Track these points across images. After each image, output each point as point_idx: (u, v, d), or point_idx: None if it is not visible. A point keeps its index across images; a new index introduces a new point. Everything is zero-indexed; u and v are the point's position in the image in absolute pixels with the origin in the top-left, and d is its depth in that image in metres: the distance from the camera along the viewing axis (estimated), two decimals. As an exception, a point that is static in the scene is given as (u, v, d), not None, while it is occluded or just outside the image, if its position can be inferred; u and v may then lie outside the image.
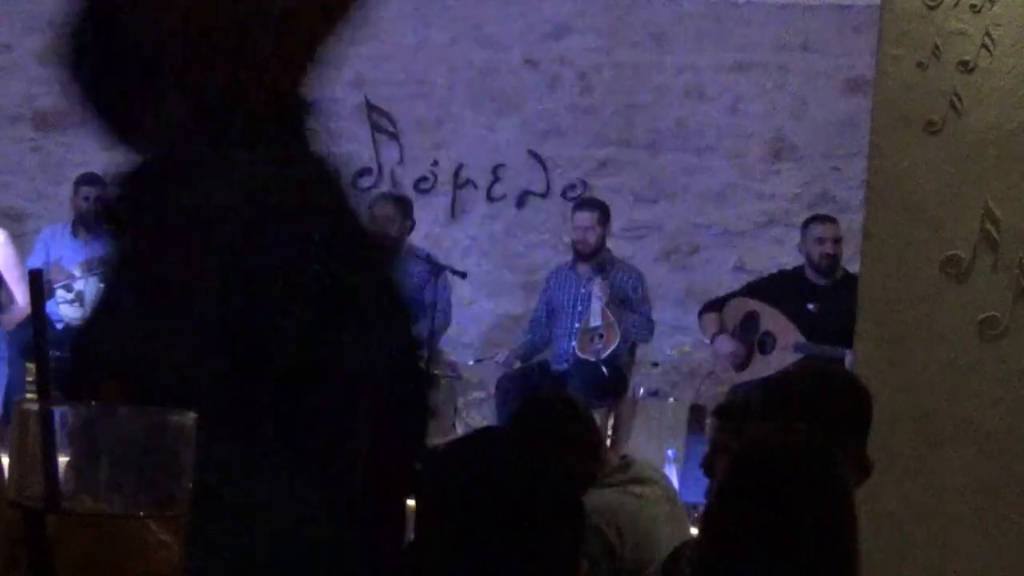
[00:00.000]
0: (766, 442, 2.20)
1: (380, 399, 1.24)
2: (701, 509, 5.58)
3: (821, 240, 7.14)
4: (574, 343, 7.26)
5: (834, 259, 7.14)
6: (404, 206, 7.72)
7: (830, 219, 7.33)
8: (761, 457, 2.18)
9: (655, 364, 7.61)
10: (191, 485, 0.97)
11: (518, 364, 7.51)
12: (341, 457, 1.24)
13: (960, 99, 3.95)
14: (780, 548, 2.09)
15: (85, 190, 7.87)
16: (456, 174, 8.51)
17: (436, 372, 7.53)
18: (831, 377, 2.91)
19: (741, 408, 3.70)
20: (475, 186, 8.51)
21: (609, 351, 7.12)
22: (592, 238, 7.44)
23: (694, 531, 4.25)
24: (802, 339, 6.93)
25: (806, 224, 7.31)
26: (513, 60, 8.50)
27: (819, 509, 2.13)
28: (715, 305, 7.33)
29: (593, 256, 7.44)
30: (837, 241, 7.15)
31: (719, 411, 3.84)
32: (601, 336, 7.13)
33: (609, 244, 7.62)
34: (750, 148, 8.23)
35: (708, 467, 3.69)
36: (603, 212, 7.52)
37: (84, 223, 7.81)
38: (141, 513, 0.94)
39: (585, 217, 7.48)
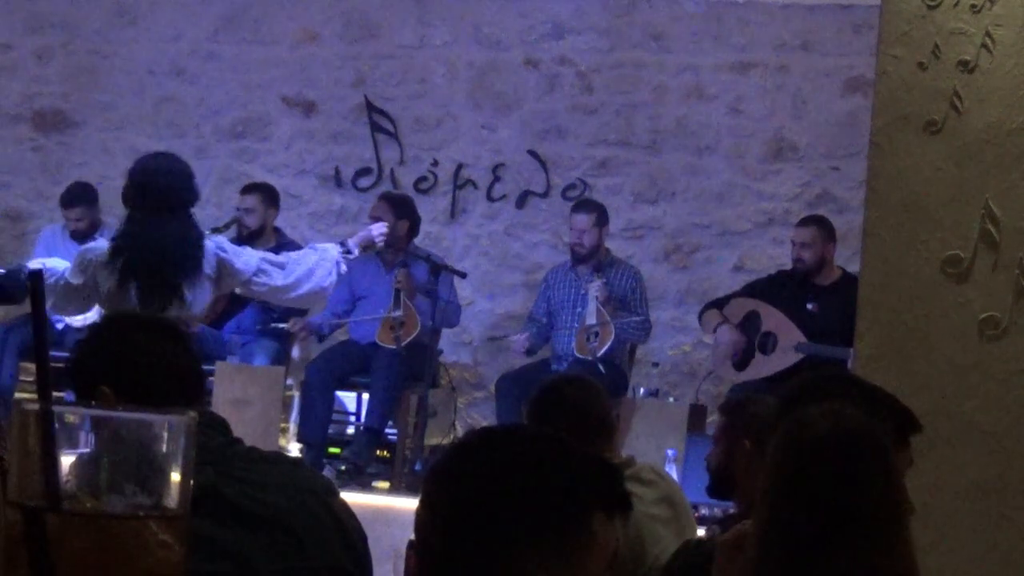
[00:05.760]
0: (821, 425, 2.15)
1: None
2: (701, 509, 5.61)
3: (792, 243, 7.19)
4: (573, 342, 7.26)
5: (803, 263, 7.09)
6: (397, 207, 7.43)
7: (803, 221, 7.31)
8: (818, 440, 2.14)
9: (655, 364, 7.60)
10: (191, 485, 0.97)
11: (527, 344, 7.49)
12: None
13: (960, 99, 3.94)
14: (842, 538, 2.06)
15: (76, 211, 7.58)
16: (456, 174, 8.50)
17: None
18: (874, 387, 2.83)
19: (745, 403, 3.71)
20: (475, 186, 8.50)
21: (605, 349, 7.10)
22: (588, 240, 7.42)
23: (700, 531, 4.26)
24: (803, 339, 6.93)
25: None
26: (513, 60, 8.49)
27: (879, 495, 2.10)
28: (716, 304, 7.34)
29: (591, 257, 7.43)
30: (802, 245, 7.08)
31: (724, 407, 3.86)
32: (597, 335, 7.12)
33: (609, 244, 7.62)
34: (750, 148, 8.22)
35: (715, 466, 3.67)
36: (600, 214, 7.50)
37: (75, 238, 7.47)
38: (141, 513, 0.94)
39: (583, 219, 7.45)
